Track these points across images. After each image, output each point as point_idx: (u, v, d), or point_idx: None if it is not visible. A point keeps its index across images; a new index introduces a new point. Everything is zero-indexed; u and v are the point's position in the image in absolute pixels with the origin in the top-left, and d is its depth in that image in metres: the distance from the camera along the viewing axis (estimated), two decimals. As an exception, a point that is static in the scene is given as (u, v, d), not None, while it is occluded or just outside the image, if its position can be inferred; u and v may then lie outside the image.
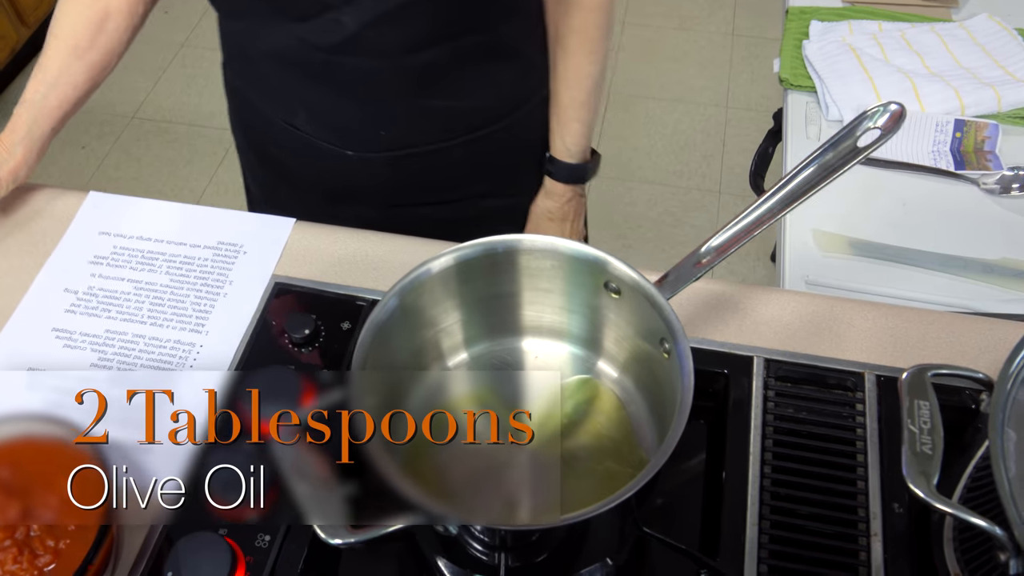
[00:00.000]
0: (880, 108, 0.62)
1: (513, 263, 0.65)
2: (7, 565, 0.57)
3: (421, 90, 0.84)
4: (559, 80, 0.90)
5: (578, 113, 0.91)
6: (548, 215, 0.99)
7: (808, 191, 0.61)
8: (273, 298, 0.79)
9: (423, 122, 0.87)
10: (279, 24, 0.80)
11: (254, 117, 0.95)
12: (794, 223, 1.05)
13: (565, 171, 0.95)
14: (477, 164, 0.92)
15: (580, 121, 0.92)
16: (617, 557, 0.66)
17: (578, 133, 0.93)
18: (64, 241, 0.84)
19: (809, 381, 0.72)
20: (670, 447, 0.53)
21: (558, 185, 0.96)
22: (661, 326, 0.60)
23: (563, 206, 0.98)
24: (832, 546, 0.63)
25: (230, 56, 0.94)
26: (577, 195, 0.99)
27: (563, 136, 0.93)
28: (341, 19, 0.77)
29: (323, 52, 0.80)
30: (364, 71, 0.81)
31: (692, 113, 2.39)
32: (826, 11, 1.30)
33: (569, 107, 0.91)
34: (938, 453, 0.51)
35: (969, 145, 1.11)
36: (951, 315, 0.77)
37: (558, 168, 0.95)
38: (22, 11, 2.42)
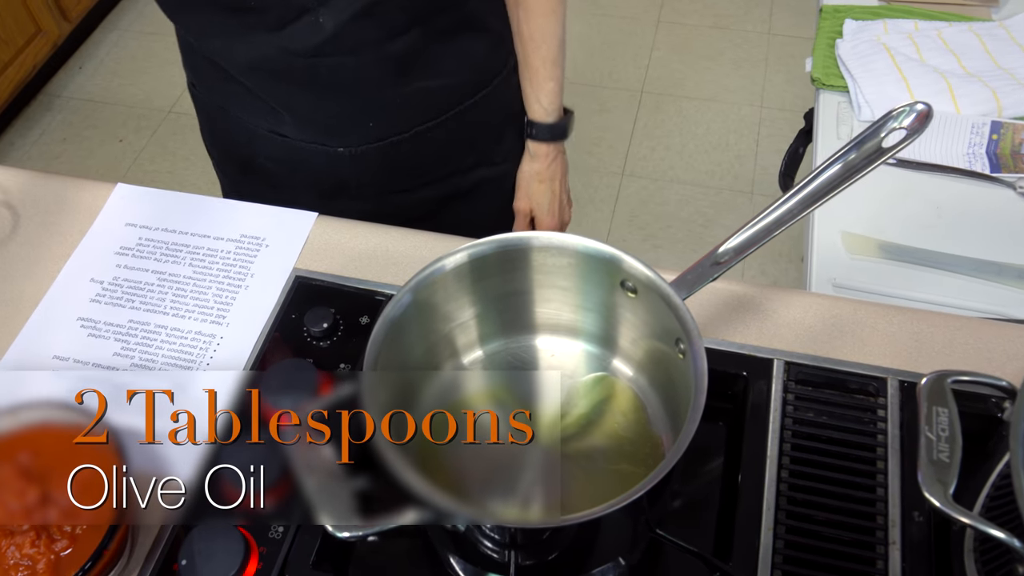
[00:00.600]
0: (907, 108, 0.60)
1: (528, 260, 0.64)
2: (25, 548, 0.58)
3: (403, 75, 0.85)
4: (526, 43, 0.93)
5: (551, 72, 0.94)
6: (537, 177, 1.02)
7: (830, 192, 0.60)
8: (293, 291, 0.79)
9: (408, 106, 0.89)
10: (256, 36, 0.81)
11: (235, 133, 0.95)
12: (822, 225, 1.03)
13: (546, 131, 0.98)
14: (462, 138, 0.95)
15: (554, 79, 0.95)
16: (630, 557, 0.65)
17: (553, 92, 0.96)
18: (91, 232, 0.86)
19: (830, 385, 0.71)
20: (681, 448, 0.52)
21: (541, 146, 0.99)
22: (676, 326, 0.59)
23: (549, 166, 1.01)
24: (849, 553, 0.62)
25: (203, 77, 0.94)
26: (560, 153, 1.02)
27: (539, 98, 0.96)
28: (319, 20, 0.78)
29: (303, 57, 0.81)
30: (347, 67, 0.83)
31: (726, 113, 2.37)
32: (861, 10, 1.28)
33: (541, 68, 0.93)
34: (955, 461, 0.50)
35: (1006, 148, 1.09)
36: (979, 320, 0.75)
37: (539, 129, 0.98)
38: (64, 6, 2.47)
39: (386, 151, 0.91)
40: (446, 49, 0.87)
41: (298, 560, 0.64)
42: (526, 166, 1.02)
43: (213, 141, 1.02)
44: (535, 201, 1.03)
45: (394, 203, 0.97)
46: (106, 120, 2.46)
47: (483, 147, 0.98)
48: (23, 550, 0.58)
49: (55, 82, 2.57)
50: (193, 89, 0.97)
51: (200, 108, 0.99)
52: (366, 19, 0.79)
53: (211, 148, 1.04)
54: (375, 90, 0.86)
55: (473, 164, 0.98)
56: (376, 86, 0.86)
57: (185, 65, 0.96)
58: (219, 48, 0.85)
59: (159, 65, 2.59)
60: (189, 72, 0.96)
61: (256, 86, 0.87)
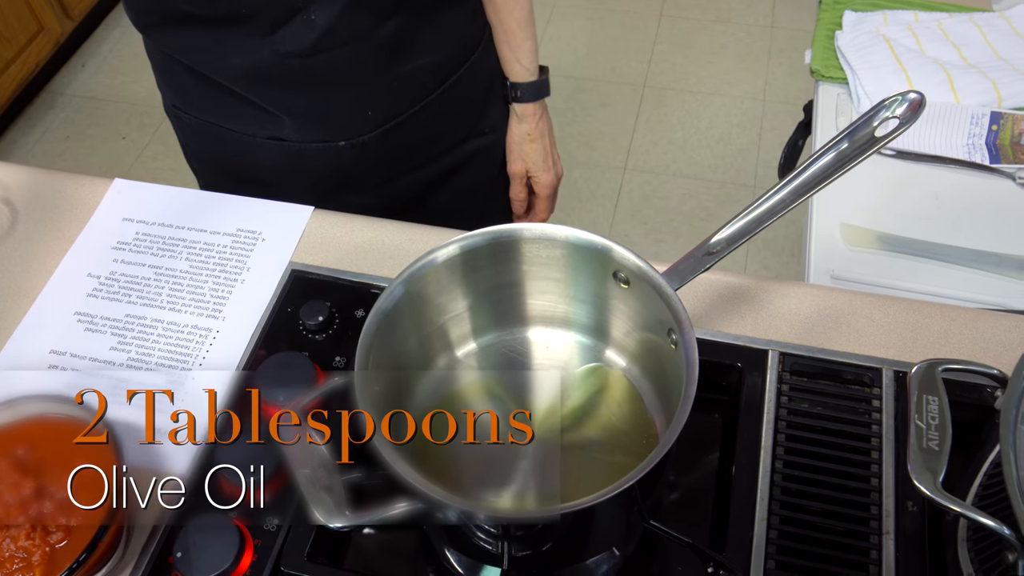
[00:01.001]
0: (898, 97, 0.60)
1: (519, 252, 0.64)
2: (20, 541, 0.58)
3: (395, 58, 0.86)
4: (500, 9, 0.95)
5: (526, 31, 0.97)
6: (527, 138, 1.03)
7: (823, 181, 0.60)
8: (289, 285, 0.80)
9: (402, 88, 0.89)
10: (248, 43, 0.81)
11: (228, 147, 0.94)
12: (821, 216, 1.03)
13: (530, 90, 1.00)
14: (452, 112, 0.96)
15: (530, 38, 0.98)
16: (624, 548, 0.66)
17: (531, 51, 0.99)
18: (89, 227, 0.86)
19: (825, 376, 0.71)
20: (672, 436, 0.52)
21: (528, 106, 1.01)
22: (668, 316, 0.59)
23: (537, 124, 1.03)
24: (843, 543, 0.62)
25: (189, 96, 0.93)
26: (544, 110, 1.04)
27: (519, 58, 0.98)
28: (311, 18, 0.79)
29: (299, 57, 0.82)
30: (342, 60, 0.83)
31: (728, 107, 2.36)
32: (861, 1, 1.28)
33: (517, 29, 0.96)
34: (945, 450, 0.50)
35: (1006, 138, 1.08)
36: (974, 311, 0.75)
37: (523, 90, 1.00)
38: (67, 4, 2.47)
39: (385, 137, 0.91)
40: (432, 25, 0.88)
41: (292, 553, 0.64)
42: (515, 128, 1.03)
43: (201, 159, 1.02)
44: (529, 161, 1.05)
45: (392, 190, 0.97)
46: (109, 118, 2.47)
47: (470, 120, 0.99)
48: (18, 542, 0.58)
49: (58, 80, 2.58)
50: (176, 111, 0.96)
51: (185, 129, 0.98)
52: (356, 8, 0.80)
53: (199, 166, 1.03)
54: (371, 77, 0.86)
55: (463, 137, 1.00)
56: (372, 73, 0.86)
57: (165, 87, 0.95)
58: (210, 62, 0.85)
59: (162, 63, 2.59)
60: (171, 94, 0.95)
61: (252, 94, 0.87)
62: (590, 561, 0.65)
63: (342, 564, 0.66)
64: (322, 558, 0.65)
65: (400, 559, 0.68)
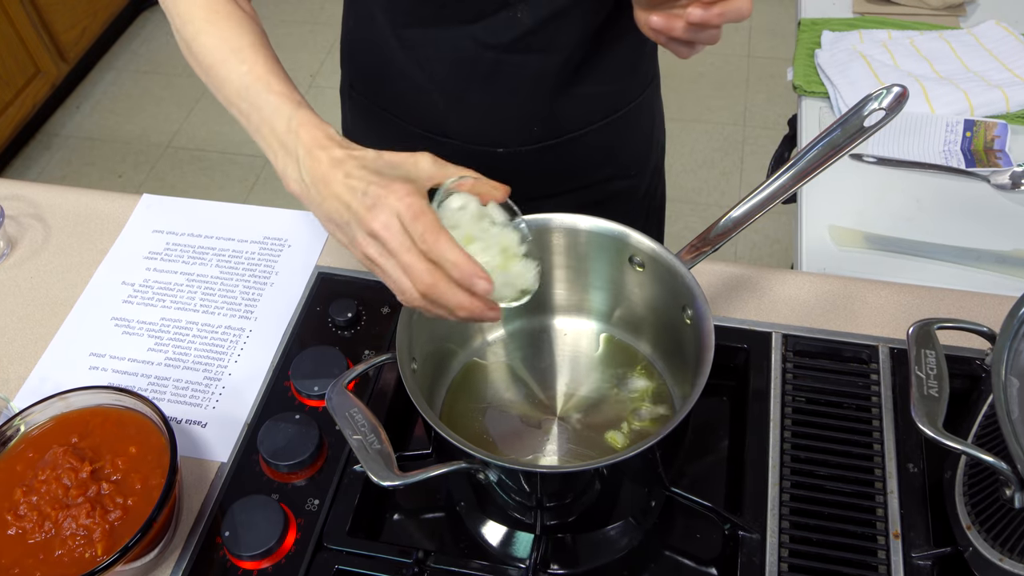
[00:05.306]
0: (884, 90, 0.66)
1: (544, 241, 0.69)
2: (81, 519, 0.62)
3: (578, 80, 0.86)
4: None
5: None
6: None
7: (819, 167, 0.66)
8: (317, 286, 0.84)
9: (571, 110, 0.89)
10: (452, 26, 0.82)
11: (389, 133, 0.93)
12: (810, 219, 1.09)
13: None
14: (607, 147, 0.95)
15: None
16: (645, 520, 0.70)
17: None
18: (120, 239, 0.90)
19: (825, 355, 0.76)
20: (695, 394, 0.57)
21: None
22: (682, 292, 0.64)
23: None
24: (851, 503, 0.67)
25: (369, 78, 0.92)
26: None
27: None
28: (517, 16, 0.79)
29: (494, 51, 0.82)
30: (531, 66, 0.83)
31: (710, 132, 2.44)
32: (837, 22, 1.35)
33: None
34: (944, 397, 0.54)
35: (979, 144, 1.15)
36: (959, 292, 0.80)
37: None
38: (63, 47, 2.53)
39: (540, 155, 0.91)
40: (613, 56, 0.87)
41: (333, 531, 0.68)
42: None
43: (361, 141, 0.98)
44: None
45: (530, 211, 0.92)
46: (104, 157, 2.51)
47: (622, 159, 0.98)
48: (79, 521, 0.62)
49: (54, 121, 2.62)
50: (351, 91, 0.97)
51: (356, 108, 0.98)
52: (562, 19, 0.80)
53: None
54: (550, 91, 0.86)
55: (611, 175, 0.98)
56: (552, 87, 0.86)
57: (348, 65, 0.96)
58: (416, 37, 0.84)
59: (155, 102, 2.64)
60: (352, 72, 0.96)
61: (437, 76, 0.86)
62: (612, 530, 0.69)
63: (378, 539, 0.70)
64: (361, 536, 0.68)
65: (433, 535, 0.71)
